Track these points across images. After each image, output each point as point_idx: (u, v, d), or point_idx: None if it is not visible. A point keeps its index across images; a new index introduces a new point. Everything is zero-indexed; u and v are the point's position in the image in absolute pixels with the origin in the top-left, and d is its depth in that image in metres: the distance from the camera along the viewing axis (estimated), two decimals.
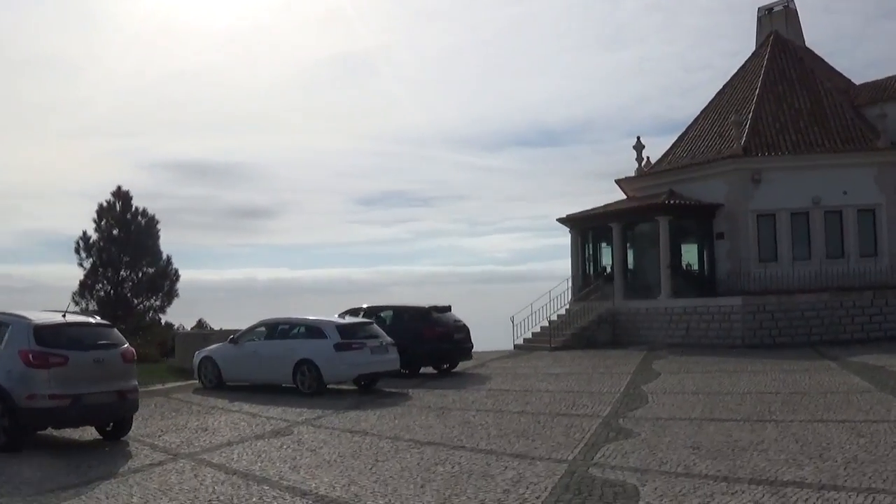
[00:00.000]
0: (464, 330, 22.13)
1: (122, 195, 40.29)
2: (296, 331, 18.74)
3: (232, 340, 19.30)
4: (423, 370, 21.53)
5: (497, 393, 17.04)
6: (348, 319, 19.29)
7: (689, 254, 30.56)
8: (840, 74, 33.80)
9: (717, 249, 29.39)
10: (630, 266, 31.56)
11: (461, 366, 22.53)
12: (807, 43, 34.52)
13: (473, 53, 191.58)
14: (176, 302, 40.65)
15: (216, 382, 19.07)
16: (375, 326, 19.12)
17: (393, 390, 18.01)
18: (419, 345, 20.79)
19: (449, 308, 22.72)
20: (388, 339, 18.62)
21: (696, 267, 30.24)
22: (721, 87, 34.20)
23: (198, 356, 19.81)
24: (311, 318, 19.09)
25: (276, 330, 19.07)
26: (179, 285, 40.97)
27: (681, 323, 27.65)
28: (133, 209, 40.47)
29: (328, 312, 20.75)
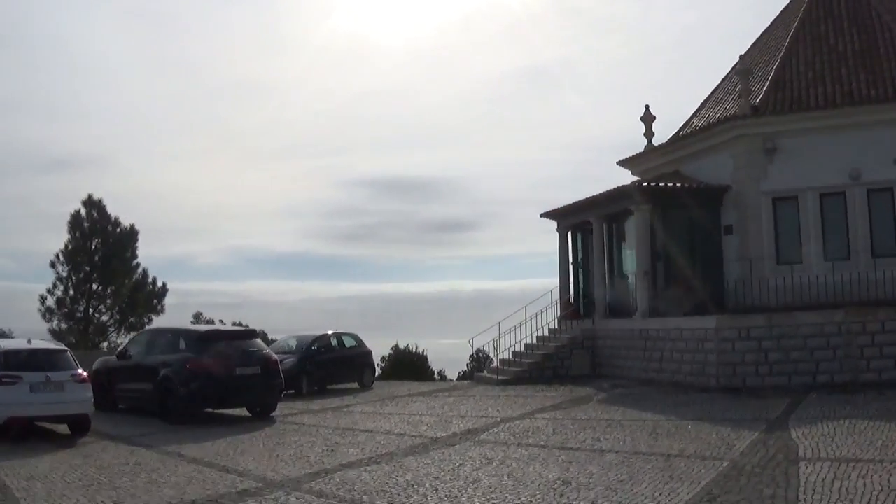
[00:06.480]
0: (260, 363, 16.10)
1: (94, 204, 36.50)
2: None
3: None
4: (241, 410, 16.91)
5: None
6: (15, 345, 14.42)
7: (689, 255, 22.19)
8: None
9: (726, 248, 21.44)
10: (620, 273, 23.98)
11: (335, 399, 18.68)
12: None
13: (652, 61, 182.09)
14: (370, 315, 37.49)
15: None
16: (67, 356, 14.21)
17: (90, 441, 13.64)
18: (184, 381, 15.50)
19: (250, 333, 16.94)
20: (74, 373, 13.73)
21: (695, 273, 21.92)
22: (758, 36, 25.97)
23: None
24: None
25: None
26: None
27: (655, 352, 20.00)
28: (111, 219, 36.78)
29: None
